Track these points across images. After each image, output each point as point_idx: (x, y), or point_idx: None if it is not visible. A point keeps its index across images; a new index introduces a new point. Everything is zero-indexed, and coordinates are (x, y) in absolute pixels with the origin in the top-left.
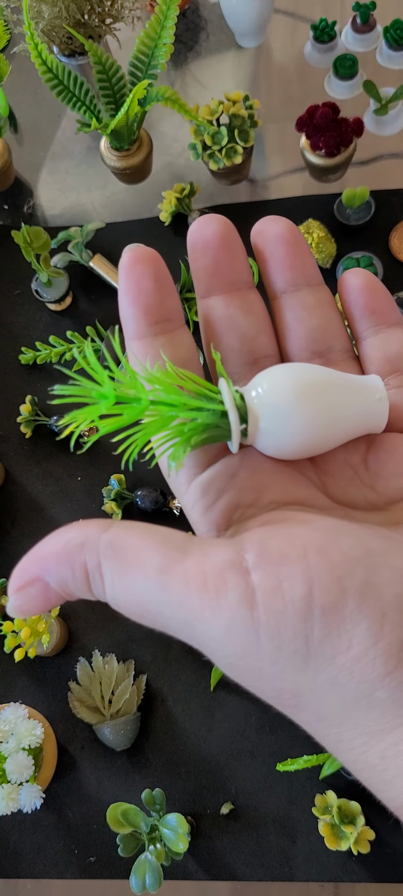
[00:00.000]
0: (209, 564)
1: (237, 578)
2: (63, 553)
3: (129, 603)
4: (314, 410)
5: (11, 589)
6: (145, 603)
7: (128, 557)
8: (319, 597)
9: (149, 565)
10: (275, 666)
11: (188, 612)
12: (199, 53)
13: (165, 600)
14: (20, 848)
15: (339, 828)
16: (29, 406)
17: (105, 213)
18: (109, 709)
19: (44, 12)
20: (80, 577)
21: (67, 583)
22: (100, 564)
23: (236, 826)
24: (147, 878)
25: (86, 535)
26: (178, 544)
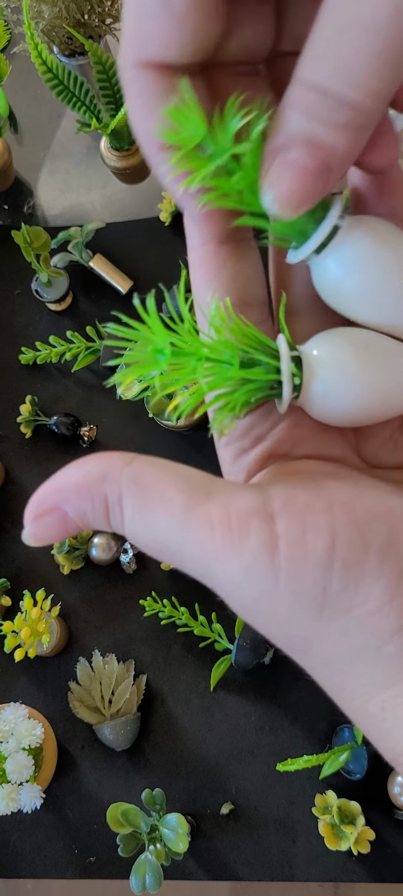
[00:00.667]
0: (233, 508)
1: (261, 524)
2: (83, 484)
3: (148, 538)
4: (372, 386)
5: (28, 517)
6: (165, 539)
7: (150, 493)
8: (341, 550)
9: (172, 502)
10: (290, 612)
11: (209, 553)
12: None
13: (187, 538)
14: (20, 848)
15: (339, 828)
16: (29, 406)
17: (105, 213)
18: (109, 709)
19: (44, 12)
20: (100, 509)
21: (86, 514)
22: (121, 498)
23: (236, 826)
24: (147, 878)
25: (108, 466)
26: (203, 485)
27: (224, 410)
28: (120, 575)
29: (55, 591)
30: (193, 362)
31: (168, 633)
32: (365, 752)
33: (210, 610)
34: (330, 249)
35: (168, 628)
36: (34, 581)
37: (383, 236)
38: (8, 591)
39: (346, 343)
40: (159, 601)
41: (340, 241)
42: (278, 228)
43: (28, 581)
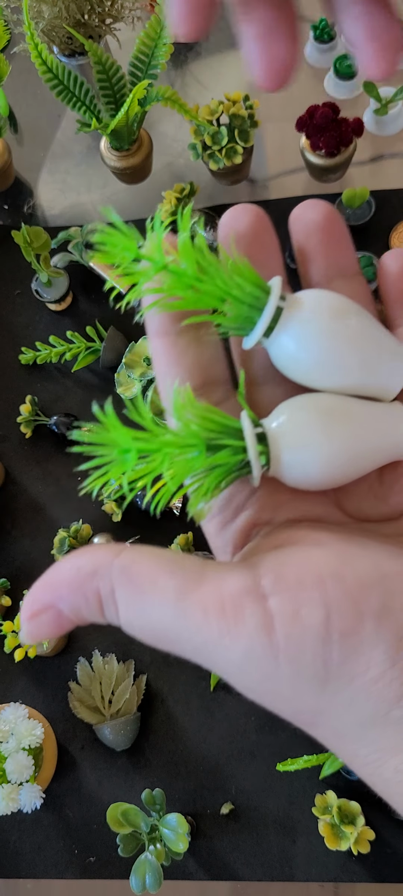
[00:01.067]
0: (226, 590)
1: (255, 605)
2: (75, 580)
3: (145, 628)
4: (339, 448)
5: (24, 616)
6: (161, 628)
7: (142, 583)
8: (337, 622)
9: (165, 591)
10: (294, 689)
11: (206, 639)
12: (199, 53)
13: (182, 626)
14: (20, 848)
15: (339, 828)
16: (29, 406)
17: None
18: (109, 709)
19: (44, 12)
20: (94, 604)
21: (80, 609)
22: (113, 591)
23: (236, 826)
24: (147, 878)
25: (99, 561)
26: (193, 570)
27: (196, 497)
28: None
29: None
30: (159, 457)
31: None
32: None
33: None
34: (279, 330)
35: None
36: (34, 581)
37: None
38: (8, 591)
39: (308, 410)
40: None
41: (286, 321)
42: (227, 322)
43: (28, 581)
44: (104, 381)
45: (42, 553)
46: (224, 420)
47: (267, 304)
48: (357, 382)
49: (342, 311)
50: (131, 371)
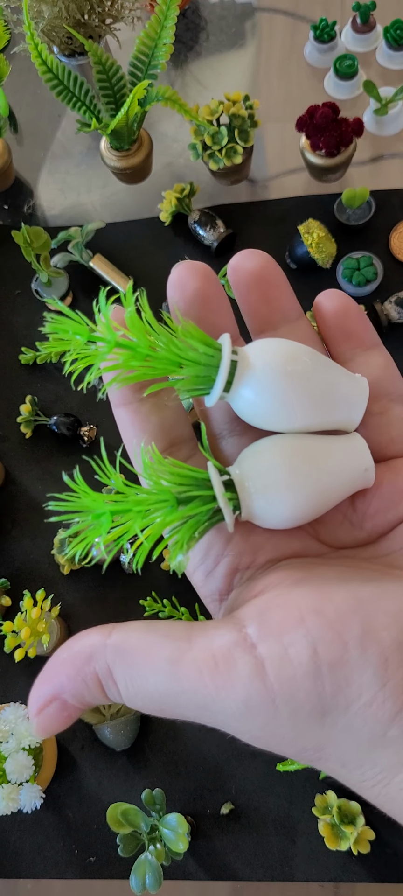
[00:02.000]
0: (215, 647)
1: (244, 655)
2: (72, 669)
3: (146, 700)
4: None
5: (32, 713)
6: (160, 697)
7: (136, 658)
8: (324, 654)
9: (158, 661)
10: (295, 728)
11: (204, 697)
12: (199, 53)
13: (180, 690)
14: (20, 848)
15: (339, 828)
16: (29, 406)
17: (105, 213)
18: (109, 709)
19: (44, 12)
20: (94, 687)
21: (83, 695)
22: (110, 671)
23: (236, 826)
24: (147, 878)
25: (92, 645)
26: (182, 634)
27: (174, 551)
28: (120, 575)
29: (55, 591)
30: (133, 516)
31: None
32: None
33: None
34: (237, 382)
35: None
36: (34, 581)
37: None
38: (8, 591)
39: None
40: (159, 601)
41: (242, 372)
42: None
43: (28, 581)
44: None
45: (42, 553)
46: (192, 473)
47: (221, 360)
48: (318, 420)
49: (293, 354)
50: None
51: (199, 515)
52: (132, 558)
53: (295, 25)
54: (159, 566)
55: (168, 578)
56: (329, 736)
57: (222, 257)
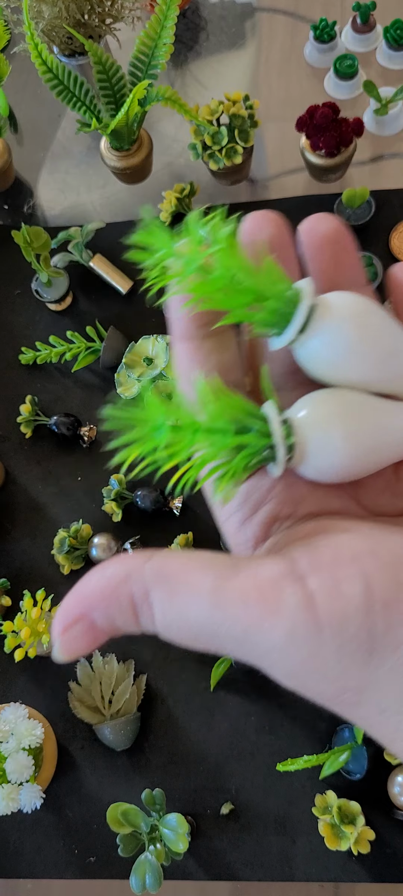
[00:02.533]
0: (263, 577)
1: (294, 585)
2: (107, 588)
3: (182, 628)
4: (361, 442)
5: (56, 631)
6: (199, 625)
7: (177, 582)
8: (378, 592)
9: (201, 586)
10: (338, 665)
11: (247, 626)
12: (199, 53)
13: (221, 618)
14: (20, 848)
15: (339, 828)
16: (29, 406)
17: (105, 213)
18: (109, 709)
19: (44, 12)
20: (128, 611)
21: (114, 618)
22: (147, 593)
23: (236, 826)
24: (147, 878)
25: (130, 566)
26: (226, 564)
27: (224, 479)
28: None
29: (55, 591)
30: (190, 435)
31: None
32: (365, 752)
33: None
34: (311, 329)
35: None
36: (34, 581)
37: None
38: (8, 591)
39: (330, 403)
40: None
41: (317, 320)
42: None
43: (28, 581)
44: (104, 381)
45: (42, 553)
46: (250, 407)
47: (301, 302)
48: (380, 380)
49: (369, 308)
50: (131, 371)
51: (253, 448)
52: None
53: (295, 25)
54: None
55: None
56: (372, 678)
57: None
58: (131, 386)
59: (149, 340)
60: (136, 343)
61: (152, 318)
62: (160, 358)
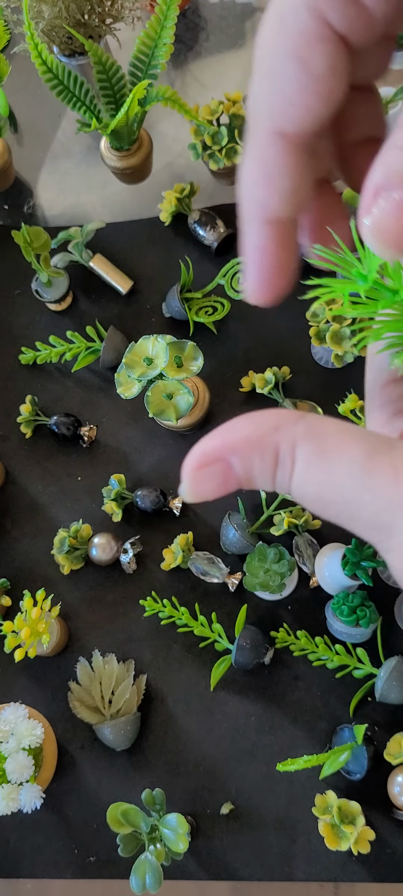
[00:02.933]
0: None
1: None
2: (254, 435)
3: (322, 488)
4: None
5: (189, 468)
6: (341, 489)
7: (327, 443)
8: None
9: (353, 451)
10: None
11: (392, 499)
12: (199, 53)
13: (367, 486)
14: (20, 848)
15: (339, 828)
16: (29, 406)
17: (105, 213)
18: (109, 709)
19: (44, 12)
20: (269, 461)
21: (252, 467)
22: (294, 447)
23: (236, 826)
24: (147, 878)
25: (281, 418)
26: (384, 438)
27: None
28: (120, 575)
29: (55, 591)
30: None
31: (168, 633)
32: (365, 752)
33: (210, 610)
34: None
35: (168, 628)
36: (34, 581)
37: None
38: (8, 591)
39: None
40: (159, 601)
41: None
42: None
43: (28, 581)
44: (104, 380)
45: (42, 553)
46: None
47: None
48: None
49: None
50: (131, 371)
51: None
52: (132, 558)
53: None
54: (159, 566)
55: (168, 578)
56: None
57: (222, 257)
58: (131, 386)
59: (149, 340)
60: (136, 343)
61: (152, 318)
62: (160, 358)
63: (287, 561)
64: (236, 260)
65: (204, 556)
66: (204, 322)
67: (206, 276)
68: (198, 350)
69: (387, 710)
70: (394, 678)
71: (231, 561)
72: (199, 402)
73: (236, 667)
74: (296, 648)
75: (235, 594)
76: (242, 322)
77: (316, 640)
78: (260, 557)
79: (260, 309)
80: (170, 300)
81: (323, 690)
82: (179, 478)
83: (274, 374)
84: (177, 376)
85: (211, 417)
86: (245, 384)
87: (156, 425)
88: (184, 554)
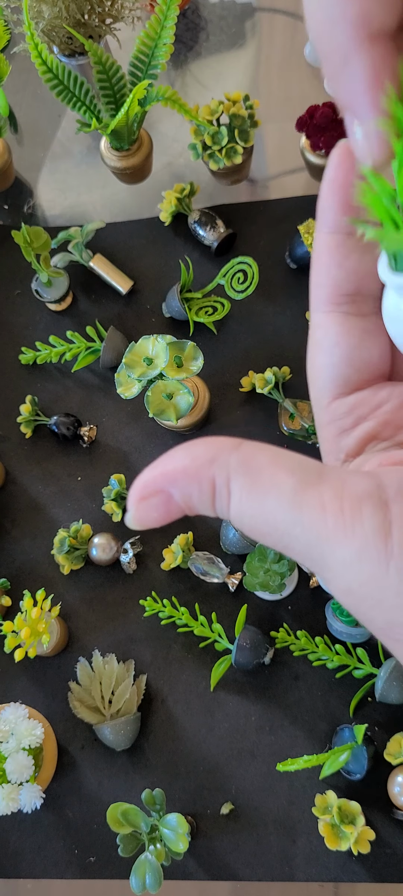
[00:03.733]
0: (347, 491)
1: (375, 508)
2: (191, 467)
3: (256, 520)
4: None
5: (133, 499)
6: (273, 521)
7: (260, 476)
8: None
9: (283, 485)
10: (397, 599)
11: (319, 534)
12: (199, 53)
13: (297, 519)
14: (20, 848)
15: (339, 828)
16: (29, 406)
17: (105, 213)
18: (109, 709)
19: (44, 12)
20: (207, 492)
21: (192, 497)
22: (229, 480)
23: (236, 826)
24: (147, 878)
25: (217, 450)
26: (314, 469)
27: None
28: (120, 575)
29: (55, 591)
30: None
31: (168, 633)
32: (365, 752)
33: (210, 610)
34: None
35: (168, 628)
36: (34, 581)
37: None
38: (8, 591)
39: None
40: (159, 601)
41: None
42: None
43: (28, 581)
44: (104, 381)
45: (42, 553)
46: None
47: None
48: None
49: None
50: (131, 371)
51: None
52: (132, 558)
53: (295, 25)
54: (159, 566)
55: (168, 578)
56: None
57: (222, 257)
58: (131, 386)
59: (149, 340)
60: (136, 343)
61: (152, 318)
62: (160, 358)
63: (287, 561)
64: (236, 260)
65: (205, 556)
66: (204, 322)
67: (206, 276)
68: (198, 350)
69: (387, 710)
70: (394, 678)
71: (231, 561)
72: (199, 402)
73: (236, 667)
74: (296, 648)
75: (235, 594)
76: (242, 322)
77: (316, 640)
78: (260, 557)
79: (260, 309)
80: (170, 300)
81: (323, 690)
82: None
83: (274, 374)
84: (177, 376)
85: (212, 417)
86: (245, 384)
87: (156, 425)
88: (184, 554)
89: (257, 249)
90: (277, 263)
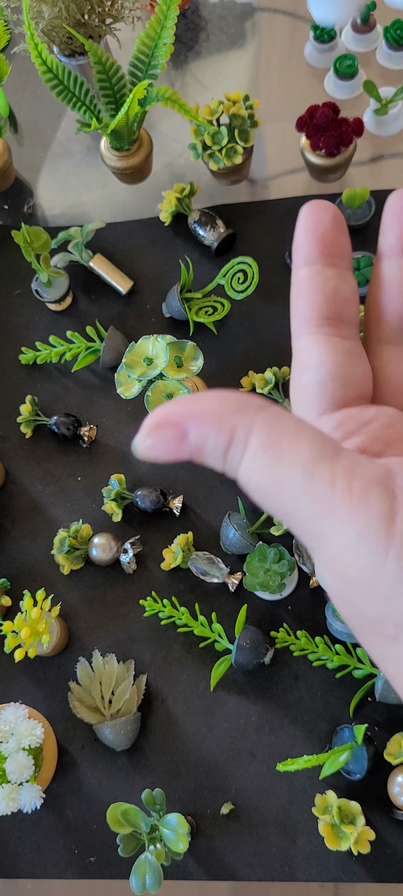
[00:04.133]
0: (358, 472)
1: (383, 495)
2: (217, 409)
3: (266, 479)
4: None
5: (147, 425)
6: (282, 483)
7: (280, 438)
8: None
9: (300, 452)
10: (392, 590)
11: (325, 508)
12: (199, 53)
13: (305, 488)
14: (20, 848)
15: (339, 828)
16: (29, 406)
17: (105, 213)
18: (109, 709)
19: (44, 12)
20: (223, 440)
21: (207, 441)
22: (249, 434)
23: (236, 826)
24: (147, 878)
25: (245, 402)
26: (331, 446)
27: None
28: (120, 575)
29: (55, 591)
30: None
31: (168, 633)
32: (365, 751)
33: (210, 610)
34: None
35: (168, 628)
36: (34, 581)
37: None
38: (8, 591)
39: None
40: (159, 601)
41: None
42: None
43: (28, 581)
44: (104, 381)
45: (42, 553)
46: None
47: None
48: None
49: None
50: (131, 371)
51: None
52: (132, 558)
53: (295, 25)
54: (159, 566)
55: (168, 578)
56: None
57: (222, 257)
58: (131, 386)
59: (149, 340)
60: (136, 343)
61: (152, 318)
62: (160, 358)
63: (287, 561)
64: (236, 260)
65: (204, 556)
66: (204, 322)
67: (206, 276)
68: (198, 350)
69: (387, 710)
70: None
71: (231, 561)
72: None
73: (236, 667)
74: (296, 648)
75: (235, 594)
76: (242, 322)
77: (316, 640)
78: (260, 557)
79: (260, 309)
80: (170, 300)
81: (323, 690)
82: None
83: (274, 374)
84: (177, 376)
85: None
86: (245, 384)
87: None
88: (184, 554)
89: (257, 249)
90: (277, 263)
